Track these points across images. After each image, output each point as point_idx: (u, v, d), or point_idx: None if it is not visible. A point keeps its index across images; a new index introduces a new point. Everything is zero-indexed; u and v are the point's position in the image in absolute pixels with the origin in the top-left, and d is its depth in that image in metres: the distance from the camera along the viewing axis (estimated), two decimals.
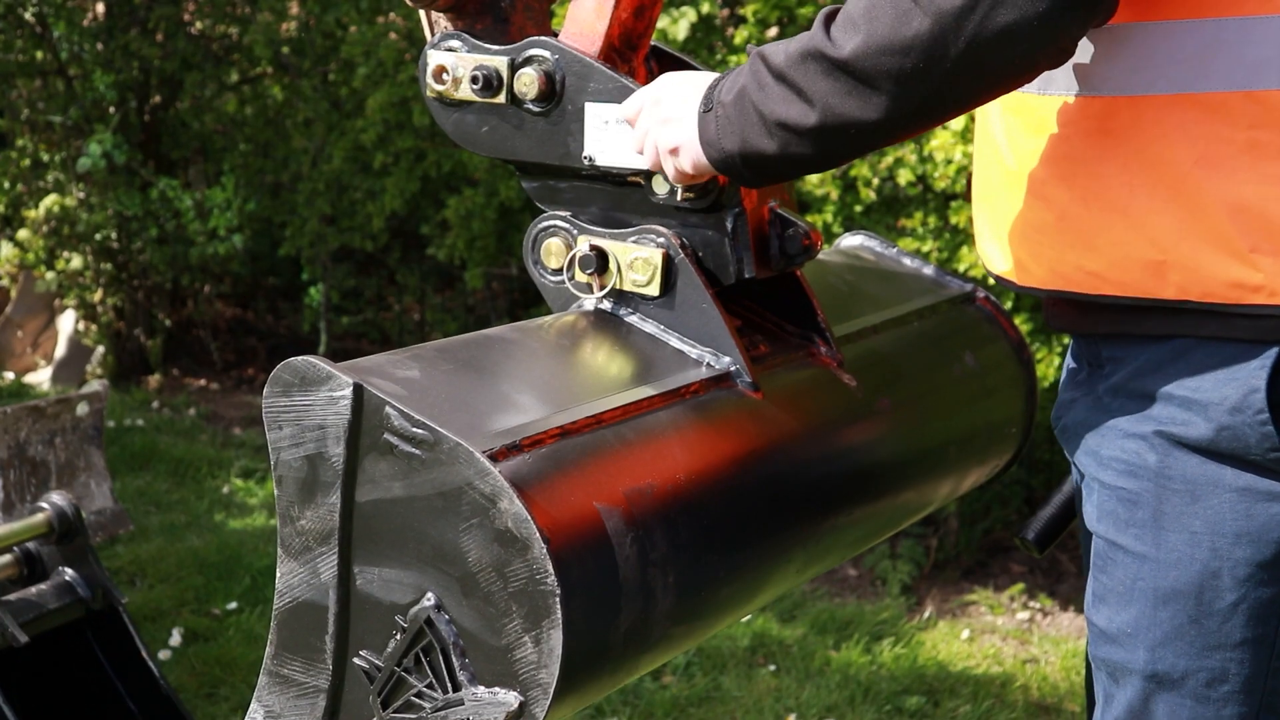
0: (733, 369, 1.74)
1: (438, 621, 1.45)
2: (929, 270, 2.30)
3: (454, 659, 1.45)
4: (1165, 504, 1.60)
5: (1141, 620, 1.63)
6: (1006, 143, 1.68)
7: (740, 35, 4.38)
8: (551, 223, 1.85)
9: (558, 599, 1.38)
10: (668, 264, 1.77)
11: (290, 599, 1.54)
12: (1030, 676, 4.05)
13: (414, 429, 1.43)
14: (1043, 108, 1.63)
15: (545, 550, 1.37)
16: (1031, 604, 4.56)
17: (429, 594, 1.46)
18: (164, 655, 3.98)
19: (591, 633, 1.44)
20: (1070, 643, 4.28)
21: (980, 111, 1.75)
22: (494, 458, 1.41)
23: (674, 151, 1.66)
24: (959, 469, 2.17)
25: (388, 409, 1.44)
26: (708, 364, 1.74)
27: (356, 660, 1.51)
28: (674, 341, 1.77)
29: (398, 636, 1.48)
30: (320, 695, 1.54)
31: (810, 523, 1.80)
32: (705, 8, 4.44)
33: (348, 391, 1.46)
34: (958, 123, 3.93)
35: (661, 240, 1.77)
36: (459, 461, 1.41)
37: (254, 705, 1.58)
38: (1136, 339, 1.61)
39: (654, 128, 1.68)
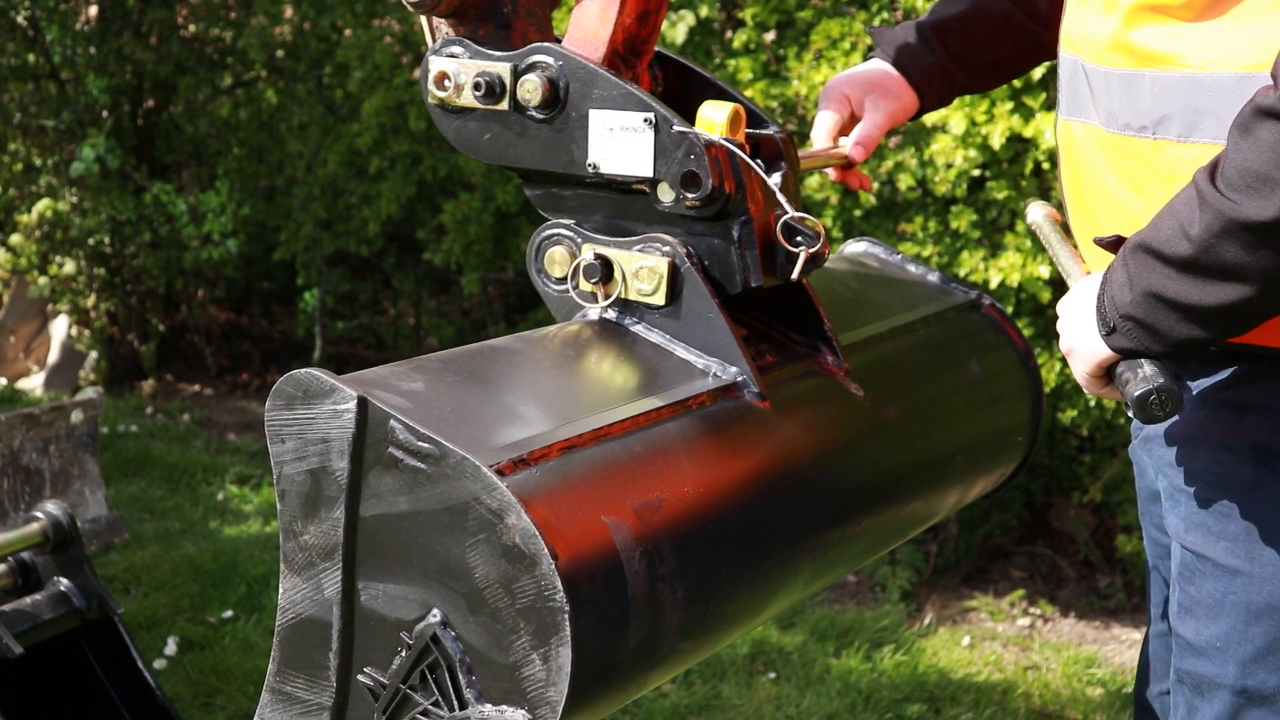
0: (740, 379, 1.72)
1: (444, 638, 1.43)
2: (933, 277, 2.28)
3: (460, 676, 1.43)
4: (1259, 518, 1.57)
5: (1232, 635, 1.60)
6: (1127, 188, 1.64)
7: (739, 39, 4.36)
8: (555, 231, 1.83)
9: (567, 616, 1.35)
10: (674, 273, 1.75)
11: (293, 615, 1.51)
12: (1032, 683, 4.03)
13: (419, 443, 1.41)
14: (1176, 156, 1.59)
15: (554, 566, 1.35)
16: (1032, 610, 4.54)
17: (435, 610, 1.43)
18: (159, 664, 3.95)
19: (600, 649, 1.42)
20: (1071, 649, 4.26)
21: (1075, 150, 1.73)
22: (501, 472, 1.39)
23: (1086, 384, 1.63)
24: (965, 478, 2.16)
25: (392, 422, 1.42)
26: (714, 374, 1.72)
27: (361, 677, 1.49)
28: (680, 351, 1.75)
29: (403, 653, 1.46)
30: (324, 713, 1.52)
31: (818, 534, 1.78)
32: (704, 11, 4.42)
33: (352, 405, 1.43)
34: (958, 126, 3.91)
35: (667, 249, 1.75)
36: (465, 476, 1.38)
37: None
38: (1232, 352, 1.58)
39: (1071, 360, 1.66)
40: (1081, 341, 1.59)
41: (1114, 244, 1.59)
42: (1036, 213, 1.96)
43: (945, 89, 2.14)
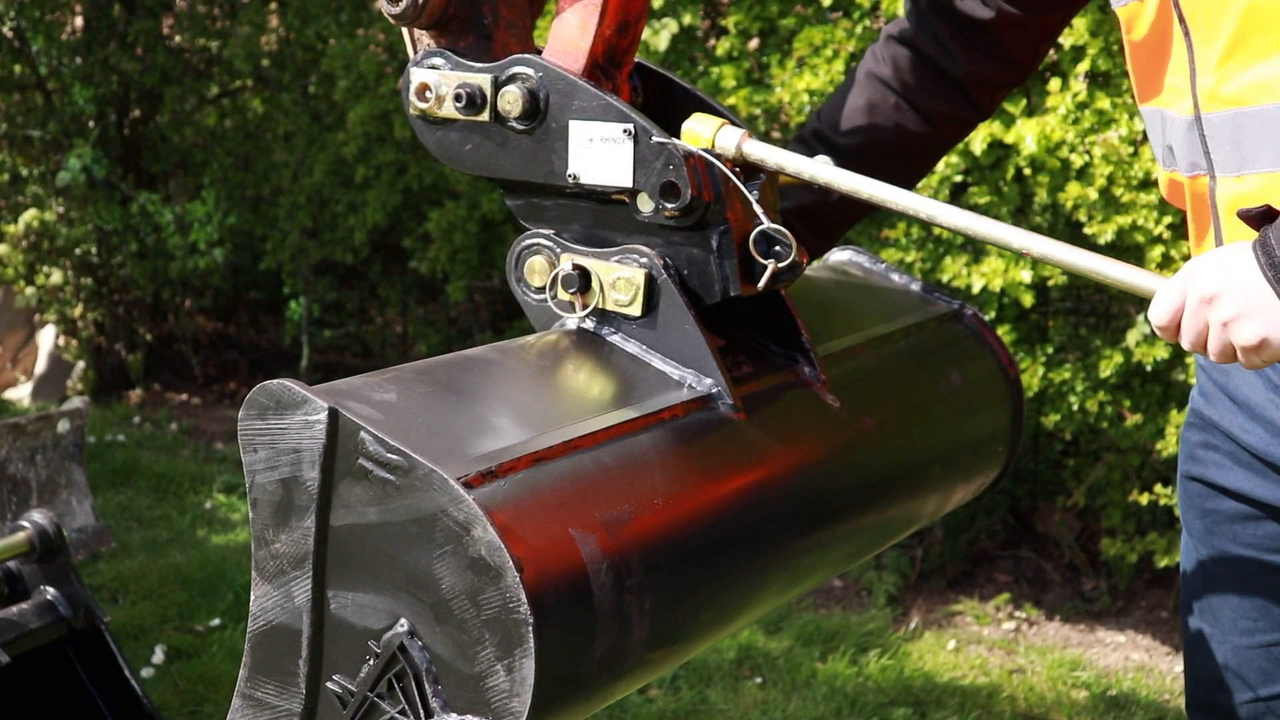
0: (714, 390, 1.74)
1: (411, 648, 1.45)
2: (916, 286, 2.30)
3: (426, 685, 1.45)
4: None
5: None
6: None
7: (722, 46, 4.38)
8: (535, 240, 1.85)
9: (530, 628, 1.38)
10: (650, 284, 1.77)
11: (264, 622, 1.53)
12: (1017, 686, 4.05)
13: (389, 454, 1.43)
14: None
15: (518, 579, 1.37)
16: (1017, 614, 4.56)
17: (402, 620, 1.45)
18: (147, 673, 3.95)
19: (565, 661, 1.44)
20: (1056, 652, 4.27)
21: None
22: (468, 484, 1.41)
23: (1261, 345, 1.58)
24: (944, 488, 2.17)
25: (363, 434, 1.44)
26: (689, 385, 1.74)
27: (329, 685, 1.51)
28: (656, 362, 1.77)
29: (371, 662, 1.48)
30: (293, 719, 1.54)
31: (791, 546, 1.80)
32: (687, 19, 4.44)
33: (323, 416, 1.45)
34: None
35: (644, 260, 1.77)
36: (433, 488, 1.40)
37: None
38: None
39: (1219, 327, 1.59)
40: (1275, 326, 1.57)
41: (1261, 216, 1.61)
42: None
43: None
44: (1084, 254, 1.66)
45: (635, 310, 1.77)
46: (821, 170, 1.78)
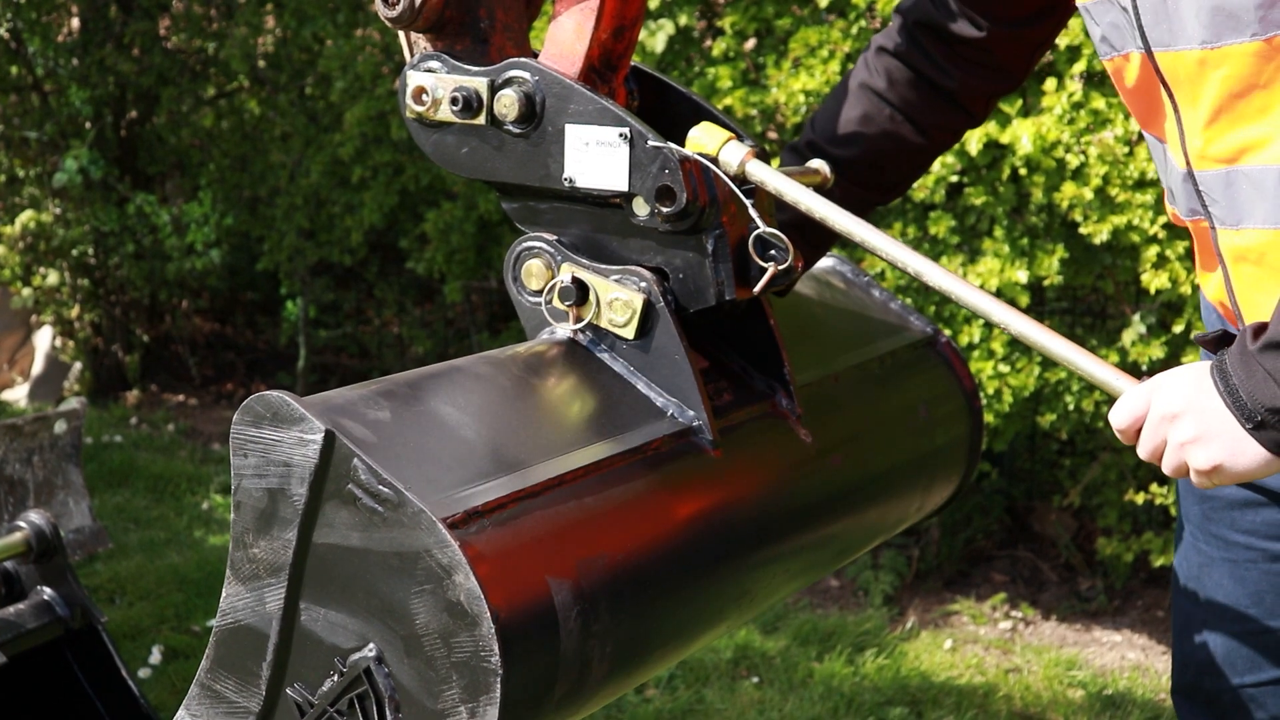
0: (695, 424, 1.76)
1: (377, 673, 1.47)
2: (895, 305, 2.34)
3: (387, 712, 1.47)
4: None
5: None
6: None
7: (718, 47, 4.39)
8: (535, 244, 1.85)
9: (499, 679, 1.40)
10: (648, 310, 1.77)
11: (233, 620, 1.55)
12: (1013, 686, 4.06)
13: (380, 486, 1.44)
14: None
15: (493, 630, 1.39)
16: (1014, 613, 4.57)
17: (371, 644, 1.47)
18: (144, 673, 3.96)
19: (526, 705, 1.47)
20: (1052, 652, 4.28)
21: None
22: (455, 524, 1.42)
23: (1214, 470, 1.60)
24: (899, 512, 2.25)
25: (355, 461, 1.45)
26: (671, 417, 1.76)
27: (290, 691, 1.52)
28: (640, 386, 1.78)
29: (335, 678, 1.49)
30: (250, 717, 1.56)
31: (751, 584, 1.84)
32: (683, 20, 4.44)
33: (319, 437, 1.46)
34: None
35: (644, 285, 1.77)
36: (420, 528, 1.42)
37: (182, 713, 1.59)
38: None
39: (1176, 446, 1.62)
40: (1230, 454, 1.59)
41: (1216, 341, 1.64)
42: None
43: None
44: (1060, 341, 1.68)
45: (629, 333, 1.78)
46: (819, 205, 1.78)
